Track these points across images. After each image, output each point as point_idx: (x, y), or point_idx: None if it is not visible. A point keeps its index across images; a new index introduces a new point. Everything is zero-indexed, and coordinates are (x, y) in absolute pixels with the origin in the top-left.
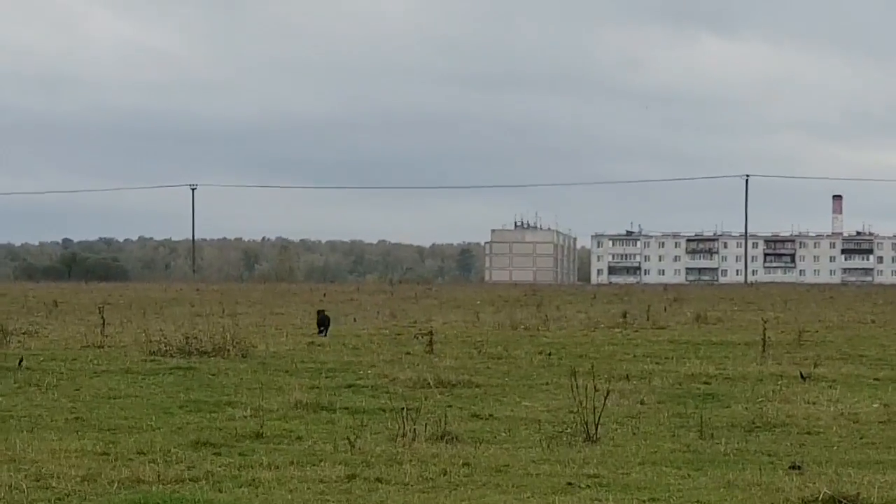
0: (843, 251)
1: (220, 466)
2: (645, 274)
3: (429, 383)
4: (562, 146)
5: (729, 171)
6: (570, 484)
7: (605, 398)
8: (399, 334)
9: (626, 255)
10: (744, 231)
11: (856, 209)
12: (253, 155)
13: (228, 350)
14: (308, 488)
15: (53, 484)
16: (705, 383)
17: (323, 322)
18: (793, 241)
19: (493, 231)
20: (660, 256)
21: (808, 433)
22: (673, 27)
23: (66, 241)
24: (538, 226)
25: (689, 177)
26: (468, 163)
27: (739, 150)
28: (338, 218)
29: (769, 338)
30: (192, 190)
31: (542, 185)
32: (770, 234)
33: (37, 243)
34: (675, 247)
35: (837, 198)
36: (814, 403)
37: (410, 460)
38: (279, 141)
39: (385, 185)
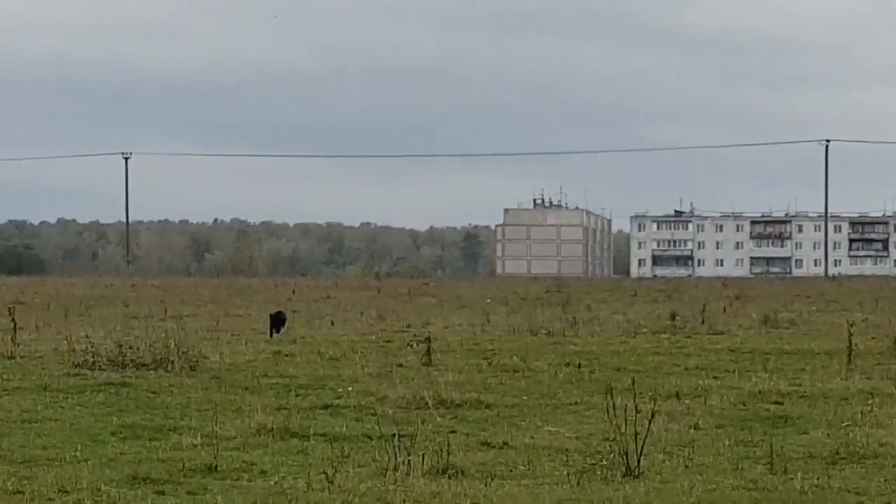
0: None
1: None
2: (699, 265)
3: (427, 403)
4: (592, 105)
5: (804, 135)
6: None
7: (650, 422)
8: (389, 341)
9: (674, 242)
10: (823, 211)
11: None
12: (202, 116)
13: (173, 362)
14: None
15: None
16: (776, 403)
17: (277, 323)
18: (885, 223)
19: (506, 211)
20: (717, 243)
21: None
22: None
23: None
24: (563, 204)
25: (753, 142)
26: (474, 126)
27: (817, 109)
28: (310, 196)
29: (856, 346)
30: (126, 160)
31: (567, 152)
32: (857, 215)
33: None
34: (737, 231)
35: None
36: None
37: (404, 501)
38: (235, 99)
39: (370, 153)
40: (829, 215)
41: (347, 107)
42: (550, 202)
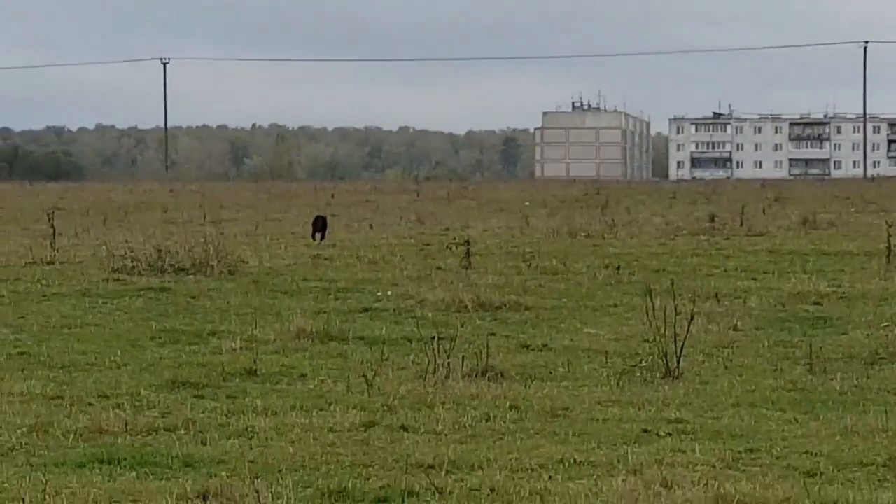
0: None
1: (202, 412)
2: (737, 167)
3: (466, 306)
4: (631, 7)
5: (843, 36)
6: (645, 431)
7: (689, 323)
8: (428, 244)
9: (713, 144)
10: (862, 112)
11: None
12: (240, 20)
13: (212, 266)
14: (314, 439)
15: None
16: (815, 304)
17: (319, 226)
18: None
19: (545, 115)
20: (756, 145)
21: None
22: None
23: (3, 130)
24: (602, 107)
25: (792, 44)
26: (514, 30)
27: (856, 10)
28: (349, 99)
29: (895, 246)
30: (164, 65)
31: (606, 55)
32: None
33: None
34: (776, 133)
35: None
36: None
37: (443, 403)
38: (273, 3)
39: (408, 57)
40: (867, 116)
41: (387, 11)
42: (589, 105)
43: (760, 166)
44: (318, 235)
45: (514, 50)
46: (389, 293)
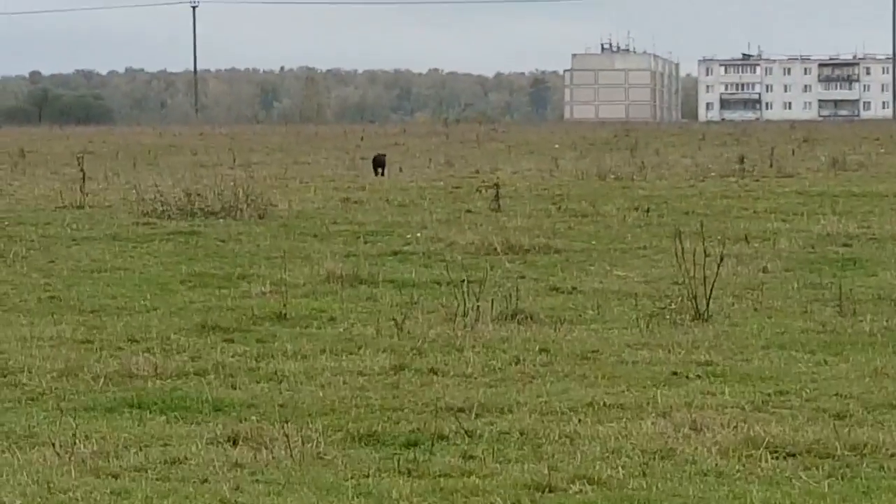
0: None
1: (232, 356)
2: (767, 108)
3: (495, 249)
4: None
5: None
6: (675, 374)
7: (719, 265)
8: (457, 187)
9: (742, 85)
10: (891, 53)
11: None
12: None
13: (241, 209)
14: (344, 382)
15: (24, 380)
16: (845, 245)
17: (378, 164)
18: None
19: (574, 56)
20: (785, 86)
21: None
22: None
23: (33, 74)
24: (631, 49)
25: None
26: None
27: None
28: (377, 42)
29: None
30: (193, 7)
31: None
32: None
33: None
34: (805, 74)
35: None
36: None
37: (473, 346)
38: None
39: None
40: None
41: None
42: (618, 47)
43: (790, 108)
44: (379, 171)
45: None
46: (419, 236)
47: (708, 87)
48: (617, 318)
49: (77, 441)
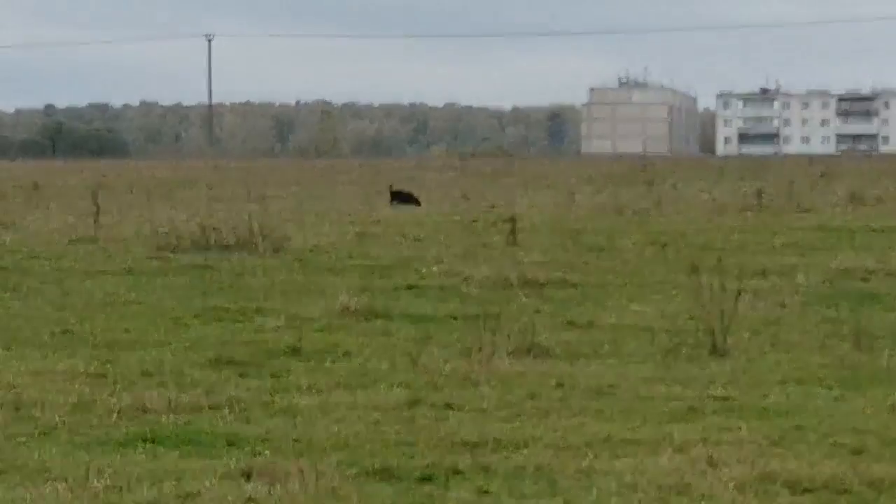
0: None
1: (246, 391)
2: (785, 143)
3: (511, 283)
4: None
5: (890, 9)
6: (691, 409)
7: (736, 300)
8: (473, 221)
9: (760, 120)
10: None
11: None
12: None
13: (256, 243)
14: (359, 417)
15: (37, 414)
16: (863, 280)
17: (403, 198)
18: None
19: (591, 90)
20: (803, 120)
21: None
22: None
23: (48, 107)
24: (648, 83)
25: (839, 18)
26: (559, 3)
27: None
28: (393, 76)
29: None
30: (209, 41)
31: (652, 31)
32: None
33: (12, 111)
34: (823, 108)
35: None
36: None
37: (488, 381)
38: None
39: (454, 33)
40: None
41: None
42: (636, 81)
43: (808, 142)
44: (395, 201)
45: (561, 25)
46: (435, 270)
47: (726, 121)
48: (633, 353)
49: (90, 476)
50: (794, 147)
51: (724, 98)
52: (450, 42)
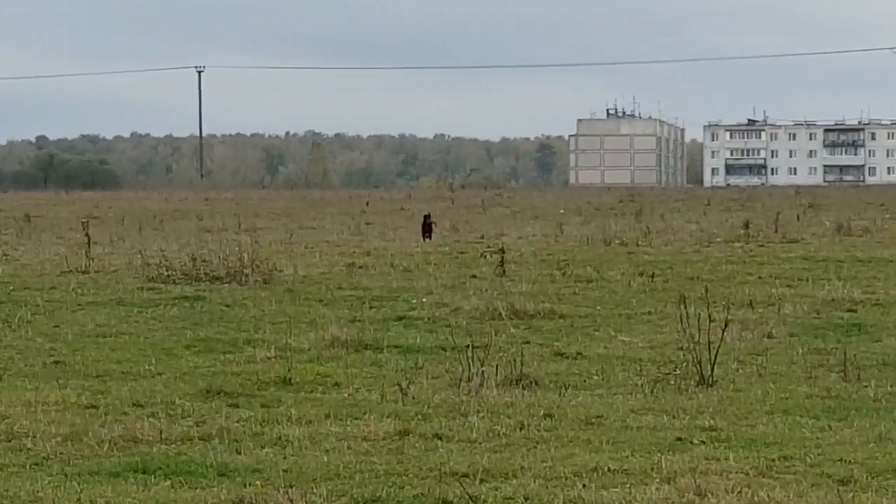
0: None
1: (237, 421)
2: (772, 174)
3: (500, 314)
4: (664, 13)
5: (877, 41)
6: (679, 439)
7: (724, 331)
8: (462, 252)
9: (747, 151)
10: None
11: None
12: (275, 29)
13: (247, 275)
14: (349, 447)
15: (28, 445)
16: (850, 311)
17: (427, 228)
18: None
19: (579, 122)
20: (790, 151)
21: None
22: None
23: (40, 139)
24: (636, 114)
25: (825, 50)
26: (546, 36)
27: (890, 13)
28: (383, 107)
29: None
30: (199, 73)
31: (640, 62)
32: None
33: (4, 142)
34: (810, 139)
35: None
36: None
37: (478, 411)
38: (307, 10)
39: (442, 65)
40: None
41: (418, 17)
42: (623, 112)
43: (795, 173)
44: (426, 237)
45: (549, 57)
46: (424, 301)
47: (713, 152)
48: (621, 384)
49: None
50: (781, 178)
51: (712, 129)
52: (439, 74)
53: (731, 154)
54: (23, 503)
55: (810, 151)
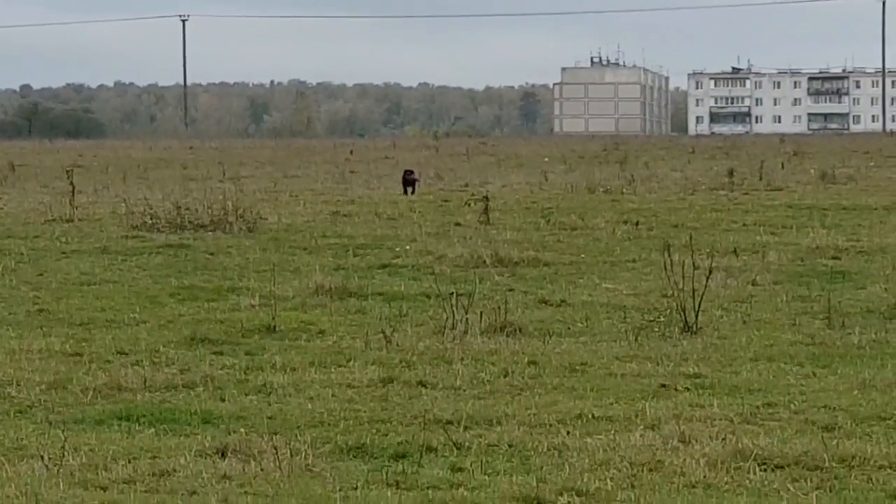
0: None
1: (221, 369)
2: (756, 122)
3: (484, 262)
4: None
5: None
6: (663, 386)
7: (708, 278)
8: (446, 200)
9: (731, 99)
10: (881, 66)
11: None
12: None
13: (231, 223)
14: (333, 395)
15: (13, 393)
16: (834, 258)
17: (408, 182)
18: None
19: (563, 70)
20: (775, 100)
21: None
22: None
23: (24, 88)
24: (621, 63)
25: None
26: None
27: None
28: (367, 56)
29: None
30: (183, 22)
31: (624, 10)
32: None
33: None
34: (795, 87)
35: None
36: None
37: (462, 359)
38: None
39: (427, 13)
40: (886, 71)
41: None
42: (608, 60)
43: (779, 121)
44: (408, 189)
45: (534, 5)
46: (408, 249)
47: (698, 100)
48: (606, 331)
49: (66, 453)
50: (765, 126)
51: (696, 77)
52: (423, 23)
53: (716, 102)
54: (7, 451)
55: (795, 100)
